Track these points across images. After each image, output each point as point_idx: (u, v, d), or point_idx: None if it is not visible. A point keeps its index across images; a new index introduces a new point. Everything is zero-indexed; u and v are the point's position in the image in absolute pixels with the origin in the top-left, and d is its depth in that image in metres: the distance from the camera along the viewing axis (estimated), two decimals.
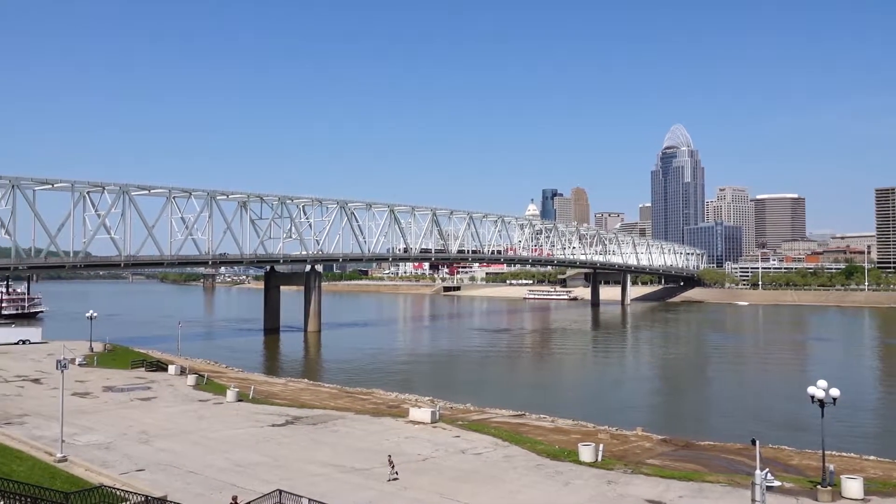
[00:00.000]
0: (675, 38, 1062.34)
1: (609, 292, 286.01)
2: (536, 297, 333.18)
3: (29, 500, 20.27)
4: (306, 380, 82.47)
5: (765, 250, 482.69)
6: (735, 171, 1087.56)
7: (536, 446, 43.64)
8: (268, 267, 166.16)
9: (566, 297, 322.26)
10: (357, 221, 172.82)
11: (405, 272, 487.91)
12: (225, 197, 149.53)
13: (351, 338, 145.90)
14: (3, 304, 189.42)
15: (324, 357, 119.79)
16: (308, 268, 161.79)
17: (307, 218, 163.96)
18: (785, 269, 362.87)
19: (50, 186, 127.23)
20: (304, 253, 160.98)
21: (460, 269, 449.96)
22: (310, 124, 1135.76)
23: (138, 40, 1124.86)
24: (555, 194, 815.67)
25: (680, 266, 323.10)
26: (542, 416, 57.99)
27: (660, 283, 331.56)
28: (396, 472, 35.76)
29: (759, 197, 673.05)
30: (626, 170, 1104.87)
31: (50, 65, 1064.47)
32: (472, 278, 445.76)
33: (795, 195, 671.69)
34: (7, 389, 62.63)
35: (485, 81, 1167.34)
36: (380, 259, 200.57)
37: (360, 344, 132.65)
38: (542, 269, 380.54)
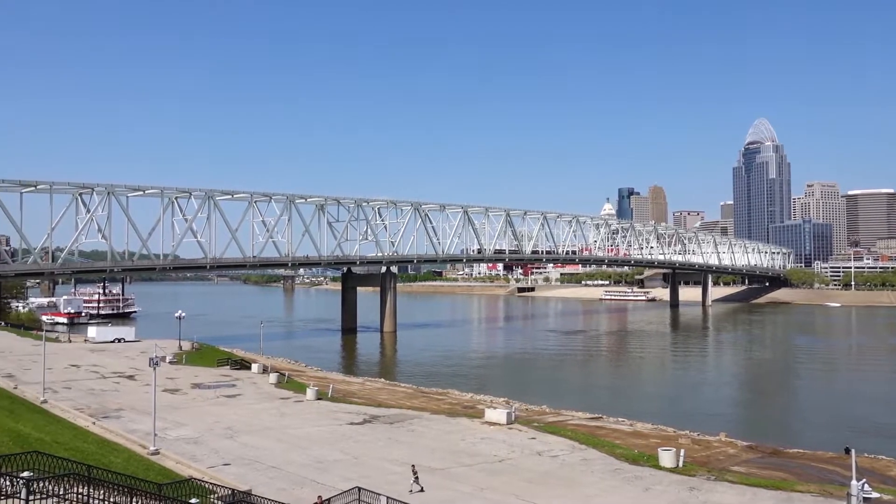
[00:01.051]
0: (756, 28, 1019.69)
1: (689, 293, 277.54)
2: (613, 297, 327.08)
3: (126, 490, 21.41)
4: (383, 379, 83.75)
5: (858, 249, 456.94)
6: (824, 165, 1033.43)
7: (615, 450, 42.84)
8: (345, 268, 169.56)
9: (644, 297, 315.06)
10: (431, 223, 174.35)
11: (479, 273, 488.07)
12: (303, 200, 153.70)
13: (426, 338, 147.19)
14: (101, 305, 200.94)
15: (399, 357, 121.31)
16: (383, 269, 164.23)
17: (382, 220, 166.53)
18: (880, 268, 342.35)
19: (141, 193, 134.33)
20: (379, 254, 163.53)
21: (534, 270, 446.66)
22: (383, 129, 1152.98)
23: (237, 42, 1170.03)
24: (631, 193, 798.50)
25: (765, 266, 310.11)
26: (619, 419, 56.93)
27: (743, 283, 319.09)
28: (421, 486, 33.35)
29: (850, 192, 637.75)
30: (705, 167, 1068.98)
31: (149, 69, 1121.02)
32: (547, 279, 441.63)
33: (891, 190, 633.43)
34: (105, 385, 66.29)
35: (558, 81, 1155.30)
36: (453, 260, 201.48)
37: (435, 344, 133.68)
38: (618, 270, 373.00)
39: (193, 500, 22.67)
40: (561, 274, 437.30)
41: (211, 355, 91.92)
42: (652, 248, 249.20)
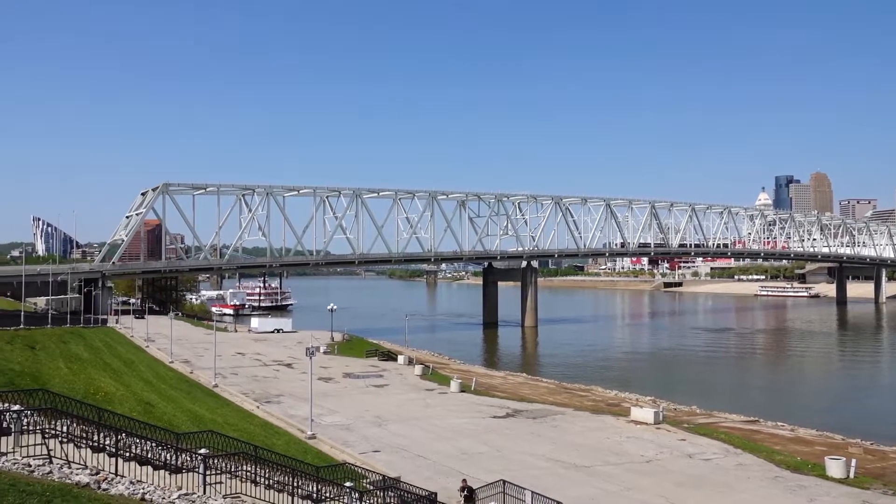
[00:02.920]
0: None
1: (858, 289, 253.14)
2: (769, 293, 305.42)
3: (289, 470, 22.99)
4: (525, 374, 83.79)
5: None
6: None
7: (774, 456, 40.14)
8: (486, 263, 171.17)
9: (805, 293, 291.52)
10: (572, 217, 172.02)
11: (622, 267, 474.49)
12: (445, 196, 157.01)
13: (567, 333, 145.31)
14: (262, 298, 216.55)
15: (541, 352, 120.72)
16: (524, 264, 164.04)
17: (523, 215, 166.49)
18: None
19: (296, 193, 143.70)
20: (520, 249, 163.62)
21: (682, 264, 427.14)
22: (522, 121, 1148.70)
23: (360, 41, 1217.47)
24: (790, 181, 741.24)
25: None
26: (778, 423, 53.29)
27: None
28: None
29: None
30: (876, 150, 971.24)
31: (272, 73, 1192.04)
32: (696, 273, 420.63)
33: None
34: (266, 372, 71.48)
35: (714, 66, 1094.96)
36: (596, 254, 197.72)
37: (577, 340, 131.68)
38: (775, 264, 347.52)
39: (348, 484, 23.90)
40: (711, 268, 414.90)
41: (360, 346, 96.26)
42: (815, 240, 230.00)
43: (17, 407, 18.14)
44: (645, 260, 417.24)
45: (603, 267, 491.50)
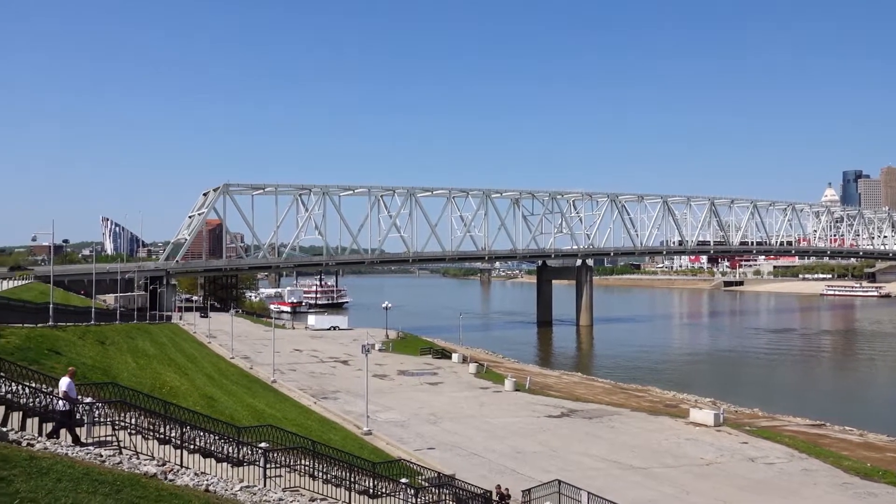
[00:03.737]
0: None
1: None
2: (837, 293, 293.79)
3: (345, 465, 23.34)
4: (580, 373, 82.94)
5: None
6: None
7: (842, 462, 38.67)
8: (540, 261, 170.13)
9: (875, 293, 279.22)
10: (628, 214, 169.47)
11: (680, 266, 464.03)
12: (499, 195, 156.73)
13: (623, 333, 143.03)
14: (318, 295, 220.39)
15: (596, 351, 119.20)
16: (579, 262, 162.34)
17: (577, 212, 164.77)
18: None
19: (351, 192, 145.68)
20: (574, 247, 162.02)
21: (743, 263, 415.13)
22: (574, 119, 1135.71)
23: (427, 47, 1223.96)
24: (859, 176, 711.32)
25: None
26: (846, 427, 51.28)
27: None
28: None
29: None
30: None
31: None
32: (757, 272, 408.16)
33: None
34: (323, 368, 72.71)
35: (772, 56, 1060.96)
36: (653, 253, 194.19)
37: (633, 340, 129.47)
38: (842, 262, 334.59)
39: (404, 480, 24.12)
40: (774, 267, 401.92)
41: (414, 344, 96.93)
42: (885, 237, 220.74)
43: (89, 399, 18.95)
44: (704, 258, 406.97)
45: (660, 265, 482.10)
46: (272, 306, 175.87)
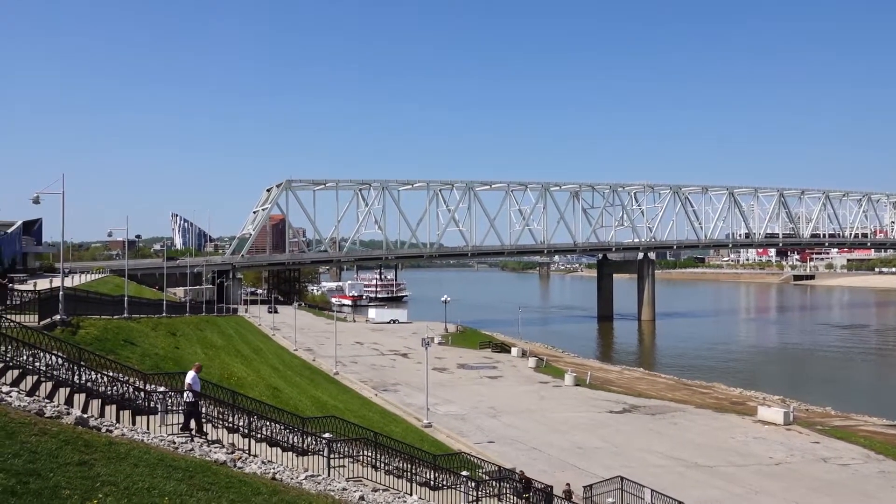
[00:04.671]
0: None
1: None
2: None
3: (406, 457, 23.62)
4: (641, 369, 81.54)
5: None
6: None
7: None
8: (600, 255, 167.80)
9: None
10: (692, 206, 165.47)
11: (747, 259, 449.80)
12: (558, 188, 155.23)
13: (687, 328, 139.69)
14: (378, 289, 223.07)
15: (658, 346, 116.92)
16: (641, 255, 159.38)
17: (639, 205, 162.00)
18: None
19: (410, 187, 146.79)
20: (636, 240, 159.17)
21: (814, 256, 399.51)
22: (641, 110, 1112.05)
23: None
24: None
25: None
26: None
27: None
28: None
29: None
30: None
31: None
32: (829, 266, 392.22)
33: None
34: (384, 361, 73.63)
35: (846, 43, 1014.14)
36: (718, 246, 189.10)
37: (697, 335, 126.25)
38: None
39: (464, 473, 24.23)
40: (848, 260, 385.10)
41: (473, 338, 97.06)
42: None
43: (162, 388, 19.74)
44: (772, 251, 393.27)
45: (726, 259, 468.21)
46: (333, 300, 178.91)
